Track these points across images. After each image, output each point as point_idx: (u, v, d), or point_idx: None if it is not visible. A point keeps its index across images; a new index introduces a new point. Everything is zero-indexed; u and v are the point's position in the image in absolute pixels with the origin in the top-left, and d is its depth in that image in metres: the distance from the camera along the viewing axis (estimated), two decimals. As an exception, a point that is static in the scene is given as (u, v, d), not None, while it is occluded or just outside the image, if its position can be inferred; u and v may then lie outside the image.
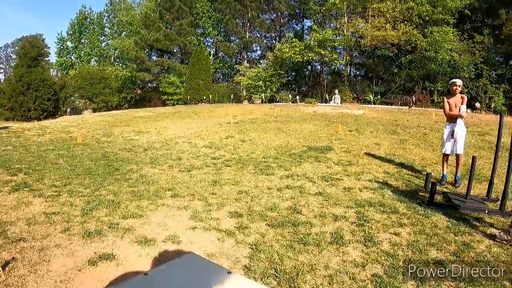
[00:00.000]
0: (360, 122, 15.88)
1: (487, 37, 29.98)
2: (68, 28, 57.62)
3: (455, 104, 7.42)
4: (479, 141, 12.09)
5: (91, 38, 56.14)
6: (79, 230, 4.68)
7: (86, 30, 57.86)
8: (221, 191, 6.50)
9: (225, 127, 15.04)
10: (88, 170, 8.17)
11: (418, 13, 31.31)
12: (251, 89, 36.59)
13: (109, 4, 59.61)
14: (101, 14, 59.56)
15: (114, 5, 58.75)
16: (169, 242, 4.41)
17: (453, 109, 7.45)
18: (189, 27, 42.05)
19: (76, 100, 40.79)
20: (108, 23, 59.65)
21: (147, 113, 23.05)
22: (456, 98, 7.42)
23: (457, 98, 7.42)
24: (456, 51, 29.60)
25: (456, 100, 7.42)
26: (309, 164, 8.75)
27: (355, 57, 39.85)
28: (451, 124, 7.51)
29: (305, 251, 4.26)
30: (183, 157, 9.67)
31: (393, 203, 5.98)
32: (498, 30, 30.37)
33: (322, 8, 36.31)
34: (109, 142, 12.54)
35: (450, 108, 7.50)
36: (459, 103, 7.37)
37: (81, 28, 57.32)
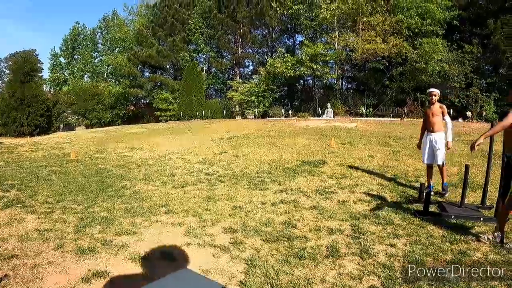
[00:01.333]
0: (353, 135, 15.94)
1: (476, 47, 30.35)
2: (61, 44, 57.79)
3: (432, 113, 7.48)
4: (471, 150, 12.12)
5: (84, 54, 56.31)
6: (72, 247, 4.64)
7: (79, 46, 58.07)
8: (215, 207, 6.48)
9: (219, 143, 15.05)
10: (81, 186, 8.14)
11: (407, 26, 31.72)
12: (244, 104, 36.69)
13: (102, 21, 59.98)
14: (94, 31, 59.92)
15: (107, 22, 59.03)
16: (163, 258, 4.38)
17: (431, 118, 7.52)
18: (181, 43, 42.22)
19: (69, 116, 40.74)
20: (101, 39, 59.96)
21: (140, 129, 23.06)
22: (434, 107, 7.48)
23: (435, 107, 7.47)
24: (446, 62, 29.92)
25: (434, 110, 7.47)
26: (303, 178, 8.76)
27: (346, 71, 40.09)
28: (428, 133, 7.58)
29: (301, 265, 4.24)
30: (176, 173, 9.65)
31: (388, 214, 5.98)
32: (487, 40, 30.75)
33: (313, 23, 36.63)
34: (102, 158, 12.50)
35: (428, 117, 7.58)
36: (438, 112, 7.42)
37: (74, 44, 57.51)
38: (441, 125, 7.48)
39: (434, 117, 7.46)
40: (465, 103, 29.57)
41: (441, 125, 7.48)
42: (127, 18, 60.12)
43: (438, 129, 7.46)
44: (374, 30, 32.25)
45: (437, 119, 7.45)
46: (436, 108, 7.44)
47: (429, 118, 7.55)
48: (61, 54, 57.55)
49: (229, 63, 45.71)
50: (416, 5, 31.32)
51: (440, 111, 7.40)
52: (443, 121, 7.51)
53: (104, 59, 55.34)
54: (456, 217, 5.68)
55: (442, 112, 7.40)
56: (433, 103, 7.48)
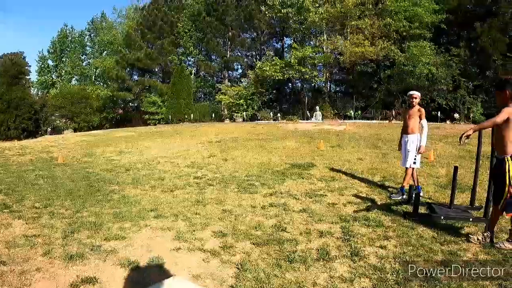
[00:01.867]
0: (341, 138, 16.01)
1: (463, 50, 30.77)
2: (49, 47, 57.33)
3: (409, 116, 7.55)
4: (460, 151, 12.28)
5: (72, 56, 55.93)
6: (61, 253, 4.57)
7: (67, 48, 57.66)
8: (204, 211, 6.45)
9: (207, 146, 15.01)
10: (69, 191, 8.05)
11: (395, 29, 32.05)
12: (233, 107, 36.69)
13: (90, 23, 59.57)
14: (83, 33, 59.49)
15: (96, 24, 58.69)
16: (153, 264, 4.34)
17: (407, 120, 7.59)
18: (170, 46, 42.17)
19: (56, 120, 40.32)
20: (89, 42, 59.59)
21: (128, 133, 22.93)
22: (413, 110, 7.54)
23: (413, 109, 7.53)
24: (434, 65, 30.29)
25: (412, 112, 7.53)
26: (292, 181, 8.76)
27: (335, 74, 40.33)
28: (404, 135, 7.68)
29: (292, 268, 4.23)
30: (165, 177, 9.59)
31: (377, 216, 6.01)
32: (474, 43, 31.19)
33: (301, 26, 36.78)
34: (90, 162, 12.41)
35: (405, 119, 7.69)
36: (416, 114, 7.47)
37: (62, 47, 57.11)
38: (417, 128, 7.53)
39: (411, 120, 7.53)
40: (453, 105, 29.93)
41: (417, 128, 7.53)
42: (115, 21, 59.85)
43: (412, 131, 7.53)
44: (362, 33, 32.56)
45: (414, 122, 7.51)
46: (414, 111, 7.51)
47: (406, 120, 7.64)
48: (49, 56, 57.13)
49: (217, 66, 45.77)
50: (404, 9, 31.67)
51: (417, 114, 7.47)
52: (420, 125, 7.56)
53: (92, 62, 55.03)
54: (445, 218, 5.73)
55: (420, 116, 7.45)
56: (414, 105, 7.53)
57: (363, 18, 33.16)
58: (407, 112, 7.65)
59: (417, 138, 7.52)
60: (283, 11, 35.25)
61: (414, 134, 7.52)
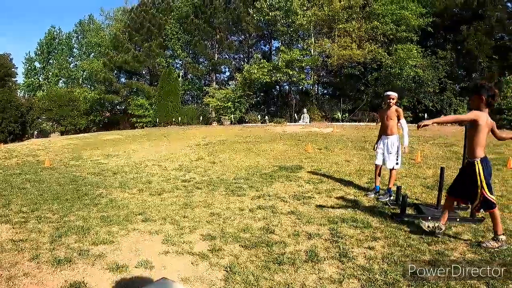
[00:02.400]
0: (329, 140, 16.07)
1: (450, 52, 31.17)
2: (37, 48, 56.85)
3: (388, 116, 7.61)
4: (446, 152, 12.42)
5: (60, 59, 55.55)
6: (48, 258, 4.54)
7: (54, 50, 57.24)
8: (192, 214, 6.44)
9: (195, 149, 15.00)
10: (56, 195, 7.98)
11: (382, 32, 32.36)
12: (220, 110, 36.63)
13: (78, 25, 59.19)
14: (70, 35, 59.06)
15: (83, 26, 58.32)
16: (141, 267, 4.32)
17: (386, 121, 7.65)
18: (158, 49, 42.05)
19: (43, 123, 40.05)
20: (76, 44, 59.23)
21: (116, 136, 22.81)
22: (390, 111, 7.59)
23: (391, 110, 7.58)
24: (420, 67, 30.64)
25: (390, 112, 7.59)
26: (280, 184, 8.79)
27: (322, 77, 40.43)
28: (383, 137, 7.73)
29: (281, 270, 4.25)
30: (153, 181, 9.57)
31: (365, 218, 6.06)
32: (460, 45, 31.59)
33: (289, 29, 36.86)
34: (77, 166, 12.32)
35: (383, 120, 7.73)
36: (393, 115, 7.54)
37: (49, 49, 56.67)
38: (396, 128, 7.63)
39: (389, 121, 7.58)
40: (439, 107, 30.31)
41: (396, 129, 7.63)
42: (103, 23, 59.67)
43: (392, 132, 7.61)
44: (349, 36, 32.78)
45: (392, 123, 7.58)
46: (392, 111, 7.56)
47: (384, 121, 7.68)
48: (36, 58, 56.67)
49: (205, 69, 45.70)
50: (391, 12, 32.01)
51: (395, 115, 7.53)
52: (399, 125, 7.63)
53: (79, 64, 54.67)
54: (432, 218, 5.78)
55: (398, 116, 7.52)
56: (391, 106, 7.58)
57: (350, 21, 33.39)
58: (385, 113, 7.68)
59: (397, 139, 7.60)
60: (271, 14, 35.31)
61: (394, 135, 7.60)
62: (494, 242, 4.82)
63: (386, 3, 32.50)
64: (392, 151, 7.53)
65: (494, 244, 4.81)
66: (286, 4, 34.46)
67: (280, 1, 34.80)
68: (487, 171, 4.88)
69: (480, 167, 4.82)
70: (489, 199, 4.80)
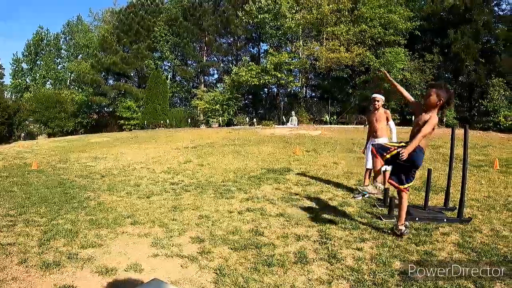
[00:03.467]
0: (317, 143, 16.15)
1: (437, 56, 31.52)
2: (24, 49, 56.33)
3: (376, 119, 7.67)
4: (433, 154, 12.54)
5: (47, 60, 55.01)
6: (37, 262, 4.51)
7: (42, 51, 56.70)
8: (181, 217, 6.44)
9: (183, 152, 14.98)
10: (44, 198, 7.92)
11: (370, 35, 32.64)
12: (209, 113, 36.64)
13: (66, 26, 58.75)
14: (58, 36, 58.56)
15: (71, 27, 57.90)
16: (131, 270, 4.32)
17: (375, 124, 7.71)
18: (146, 51, 41.90)
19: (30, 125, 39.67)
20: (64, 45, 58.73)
21: (103, 139, 22.69)
22: (378, 113, 7.66)
23: (379, 112, 7.65)
24: (408, 70, 30.96)
25: (378, 115, 7.65)
26: (269, 186, 8.82)
27: (310, 79, 40.64)
28: (372, 139, 7.77)
29: (270, 272, 4.27)
30: (141, 183, 9.54)
31: (353, 219, 6.10)
32: (447, 49, 31.96)
33: (278, 32, 36.97)
34: (65, 168, 12.23)
35: (372, 123, 7.77)
36: (383, 117, 7.61)
37: (37, 50, 56.12)
38: (386, 130, 7.70)
39: (378, 123, 7.65)
40: (426, 109, 30.46)
41: (386, 131, 7.70)
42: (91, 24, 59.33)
43: (381, 134, 7.65)
44: (338, 39, 33.00)
45: (382, 125, 7.64)
46: (381, 114, 7.63)
47: (373, 123, 7.73)
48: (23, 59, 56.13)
49: (194, 71, 45.67)
50: (379, 16, 32.28)
51: (384, 117, 7.60)
52: (388, 127, 7.70)
53: (67, 66, 54.25)
54: (420, 219, 5.88)
55: (387, 118, 7.60)
56: (377, 108, 7.65)
57: (339, 24, 33.64)
58: (373, 115, 7.73)
59: (387, 140, 7.65)
60: (260, 16, 35.43)
61: (384, 137, 7.64)
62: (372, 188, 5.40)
63: (374, 7, 32.74)
64: None
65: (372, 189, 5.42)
66: (275, 7, 34.60)
67: (269, 4, 34.92)
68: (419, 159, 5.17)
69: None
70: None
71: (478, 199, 7.14)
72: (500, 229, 5.62)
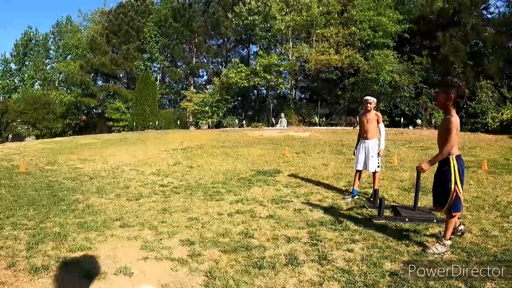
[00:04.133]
0: (306, 144, 16.20)
1: (425, 58, 31.79)
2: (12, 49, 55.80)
3: (367, 121, 7.72)
4: (422, 155, 12.66)
5: (36, 60, 54.46)
6: (25, 266, 4.45)
7: (30, 52, 56.15)
8: (171, 219, 6.41)
9: (173, 154, 14.93)
10: (32, 200, 7.85)
11: (360, 38, 32.87)
12: (198, 114, 36.59)
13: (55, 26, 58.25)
14: (47, 36, 58.03)
15: (61, 27, 57.43)
16: (120, 274, 4.28)
17: (366, 125, 7.75)
18: (136, 52, 41.74)
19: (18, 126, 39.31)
20: (53, 46, 58.15)
21: (92, 140, 22.53)
22: (370, 115, 7.71)
23: (371, 114, 7.70)
24: (397, 72, 31.17)
25: (369, 117, 7.70)
26: (258, 188, 8.82)
27: (300, 81, 40.72)
28: (362, 140, 7.83)
29: (261, 274, 4.27)
30: (130, 185, 9.49)
31: (344, 220, 6.12)
32: (436, 51, 32.27)
33: (267, 34, 36.98)
34: (53, 170, 12.13)
35: (363, 124, 7.82)
36: (373, 119, 7.66)
37: (25, 50, 55.57)
38: (376, 132, 7.75)
39: (369, 124, 7.70)
40: (415, 111, 30.86)
41: (376, 133, 7.75)
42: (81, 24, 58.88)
43: (372, 136, 7.71)
44: (327, 41, 33.19)
45: (372, 127, 7.69)
46: (372, 116, 7.68)
47: (364, 125, 7.78)
48: (11, 59, 55.58)
49: (183, 72, 45.57)
50: (369, 18, 32.51)
51: (375, 119, 7.65)
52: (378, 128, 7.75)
53: (56, 66, 53.73)
54: (410, 220, 5.92)
55: (377, 120, 7.65)
56: (369, 110, 7.70)
57: (328, 26, 33.82)
58: (365, 117, 7.77)
59: (377, 142, 7.72)
60: (250, 18, 35.42)
61: (374, 139, 7.71)
62: (441, 247, 4.82)
63: (363, 9, 32.96)
64: (374, 154, 7.63)
65: (441, 249, 4.81)
66: (265, 9, 34.61)
67: (259, 6, 34.92)
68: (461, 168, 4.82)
69: (455, 163, 4.77)
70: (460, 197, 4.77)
71: (467, 199, 7.21)
72: (489, 229, 5.71)
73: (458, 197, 4.75)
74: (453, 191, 4.75)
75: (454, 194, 4.75)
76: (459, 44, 29.94)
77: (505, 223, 5.99)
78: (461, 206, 4.84)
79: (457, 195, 4.74)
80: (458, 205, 4.77)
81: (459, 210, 4.83)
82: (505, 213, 6.55)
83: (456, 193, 4.74)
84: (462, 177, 4.83)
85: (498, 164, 11.64)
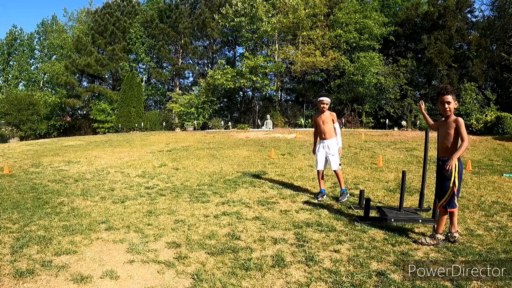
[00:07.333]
0: (292, 146, 16.26)
1: (411, 61, 32.17)
2: (-4, 49, 55.12)
3: (323, 121, 7.85)
4: (407, 156, 12.78)
5: (20, 60, 53.75)
6: (10, 270, 4.41)
7: (15, 51, 55.42)
8: (157, 222, 6.39)
9: (158, 156, 14.89)
10: (16, 203, 7.77)
11: (346, 40, 33.08)
12: (184, 116, 36.45)
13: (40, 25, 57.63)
14: (32, 36, 57.34)
15: (46, 27, 56.82)
16: (107, 278, 4.26)
17: (322, 126, 7.87)
18: (121, 53, 41.49)
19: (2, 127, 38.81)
20: (38, 46, 57.48)
21: (77, 142, 22.37)
22: (325, 115, 7.84)
23: (326, 115, 7.84)
24: (382, 75, 31.51)
25: (324, 117, 7.84)
26: (244, 190, 8.84)
27: (285, 83, 40.78)
28: (321, 141, 7.95)
29: (248, 276, 4.27)
30: (116, 188, 9.43)
31: (330, 221, 6.18)
32: (421, 54, 32.72)
33: (254, 36, 37.00)
34: (37, 173, 12.02)
35: (319, 125, 7.93)
36: (329, 119, 7.82)
37: (10, 49, 54.85)
38: (333, 132, 7.89)
39: (325, 125, 7.84)
40: (400, 113, 31.19)
41: (333, 132, 7.89)
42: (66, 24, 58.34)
43: (330, 136, 7.86)
44: (313, 43, 33.32)
45: (328, 127, 7.84)
46: (327, 116, 7.84)
47: (321, 126, 7.90)
48: (-5, 59, 54.93)
49: (169, 74, 45.39)
50: (355, 21, 32.78)
51: (330, 119, 7.84)
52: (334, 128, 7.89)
53: (41, 67, 53.06)
54: (396, 220, 5.98)
55: (332, 119, 7.83)
56: (324, 111, 7.84)
57: (314, 29, 33.97)
58: (320, 118, 7.89)
59: (335, 141, 7.85)
60: (236, 20, 35.39)
61: (333, 138, 7.86)
62: (431, 240, 5.12)
63: (349, 12, 33.21)
64: (334, 152, 7.75)
65: (430, 241, 5.10)
66: (252, 10, 34.61)
67: (246, 8, 34.91)
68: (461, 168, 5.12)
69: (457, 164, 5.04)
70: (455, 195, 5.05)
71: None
72: (474, 228, 5.82)
73: (454, 195, 5.03)
74: (450, 190, 5.03)
75: (451, 193, 5.04)
76: (444, 47, 30.31)
77: (489, 222, 6.11)
78: (455, 203, 5.07)
79: (453, 194, 5.03)
80: (453, 202, 5.04)
81: (454, 206, 5.07)
82: (489, 212, 6.68)
83: (453, 192, 5.03)
84: (461, 177, 5.15)
85: (482, 164, 11.82)
